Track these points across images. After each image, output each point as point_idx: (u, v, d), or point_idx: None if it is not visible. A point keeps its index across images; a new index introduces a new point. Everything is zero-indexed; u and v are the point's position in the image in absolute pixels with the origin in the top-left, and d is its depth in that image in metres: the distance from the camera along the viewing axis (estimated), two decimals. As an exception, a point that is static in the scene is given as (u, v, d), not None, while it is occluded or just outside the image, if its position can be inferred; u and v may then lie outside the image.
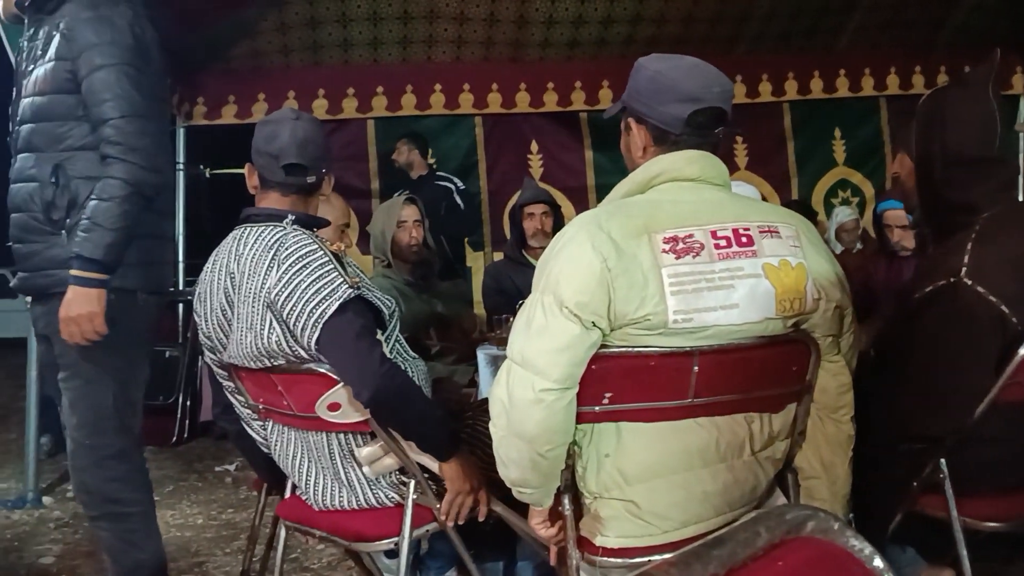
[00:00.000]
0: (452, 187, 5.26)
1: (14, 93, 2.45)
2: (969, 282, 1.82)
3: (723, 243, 1.57)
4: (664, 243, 1.54)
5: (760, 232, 1.60)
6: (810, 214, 4.98)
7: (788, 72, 5.52)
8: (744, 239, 1.58)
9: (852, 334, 1.75)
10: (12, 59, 3.68)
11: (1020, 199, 2.12)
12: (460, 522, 2.02)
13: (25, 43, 2.43)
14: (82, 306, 2.18)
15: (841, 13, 5.31)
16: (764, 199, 5.35)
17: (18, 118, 2.39)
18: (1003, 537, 2.53)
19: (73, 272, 2.19)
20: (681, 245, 1.54)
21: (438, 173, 5.38)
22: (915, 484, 1.94)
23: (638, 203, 1.65)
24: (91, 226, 2.19)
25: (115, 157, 2.23)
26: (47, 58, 2.32)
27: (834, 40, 5.49)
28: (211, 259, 2.14)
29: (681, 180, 1.65)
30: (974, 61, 5.74)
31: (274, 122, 2.14)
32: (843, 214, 5.13)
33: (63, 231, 2.27)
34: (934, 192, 1.98)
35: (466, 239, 5.49)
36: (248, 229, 2.07)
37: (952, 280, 1.84)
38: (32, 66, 2.36)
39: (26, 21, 2.45)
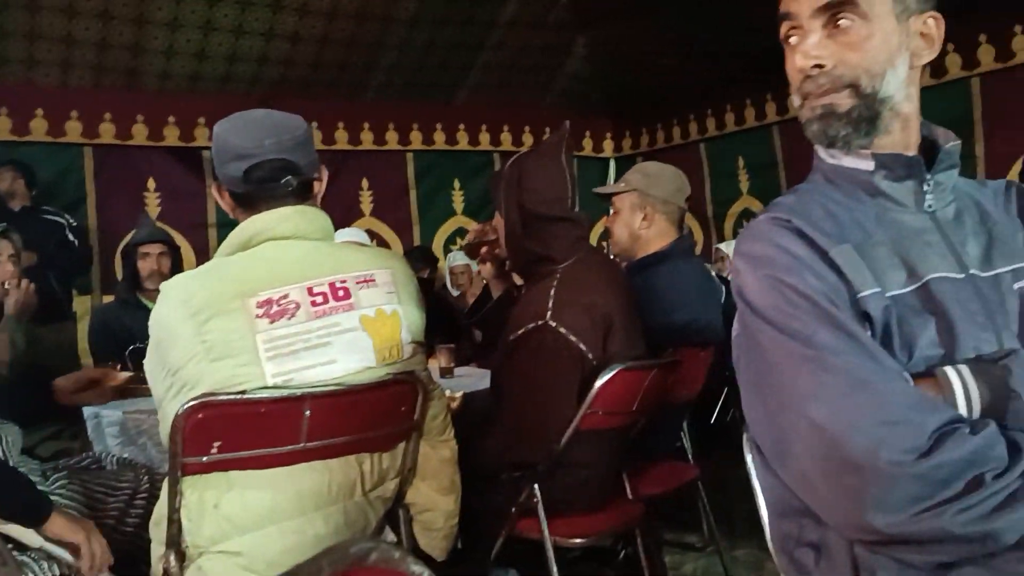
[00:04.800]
0: (64, 223, 4.79)
1: None
2: (553, 324, 2.05)
3: (320, 299, 1.61)
4: (258, 307, 1.55)
5: (357, 283, 1.66)
6: (431, 260, 5.24)
7: (413, 123, 5.79)
8: (341, 292, 1.64)
9: None
10: None
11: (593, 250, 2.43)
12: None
13: None
14: None
15: (460, 70, 5.68)
16: (386, 243, 5.57)
17: None
18: (594, 552, 2.86)
19: None
20: (276, 308, 1.56)
21: (44, 208, 4.86)
22: (514, 509, 2.12)
23: (233, 265, 1.64)
24: None
25: None
26: None
27: (455, 95, 5.87)
28: None
29: (277, 239, 1.65)
30: (573, 122, 6.44)
31: None
32: (452, 259, 5.48)
33: None
34: (520, 245, 2.21)
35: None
36: None
37: (539, 323, 2.06)
38: None
39: None
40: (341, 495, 1.67)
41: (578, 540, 2.17)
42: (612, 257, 2.89)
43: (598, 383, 2.03)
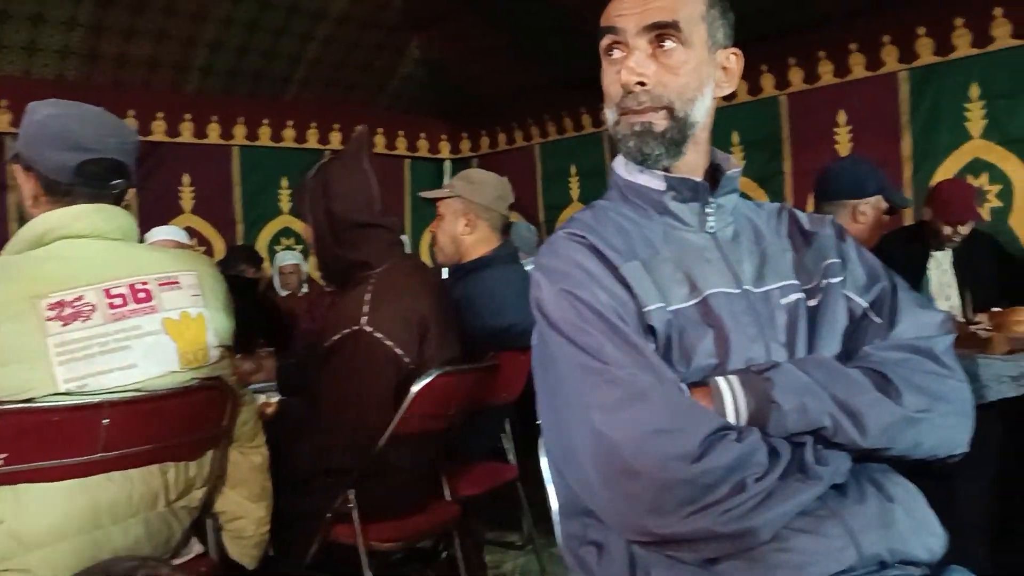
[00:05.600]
0: None
1: None
2: (369, 329, 2.05)
3: (118, 301, 1.55)
4: (49, 309, 1.48)
5: (160, 285, 1.62)
6: (255, 260, 5.09)
7: (238, 116, 5.57)
8: (142, 294, 1.58)
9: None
10: None
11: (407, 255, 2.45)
12: None
13: None
14: None
15: (289, 62, 5.49)
16: (207, 242, 5.37)
17: None
18: (417, 553, 2.88)
19: None
20: (69, 310, 1.50)
21: None
22: (328, 516, 2.10)
23: (22, 264, 1.55)
24: None
25: None
26: None
27: (283, 90, 5.69)
28: None
29: (72, 237, 1.58)
30: (407, 124, 6.37)
31: None
32: (281, 258, 5.35)
33: None
34: (331, 252, 2.20)
35: None
36: None
37: (354, 328, 2.06)
38: None
39: None
40: (143, 506, 1.61)
41: (393, 544, 2.17)
42: (438, 262, 2.91)
43: (415, 387, 2.05)
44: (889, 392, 1.08)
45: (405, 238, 5.57)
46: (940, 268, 3.45)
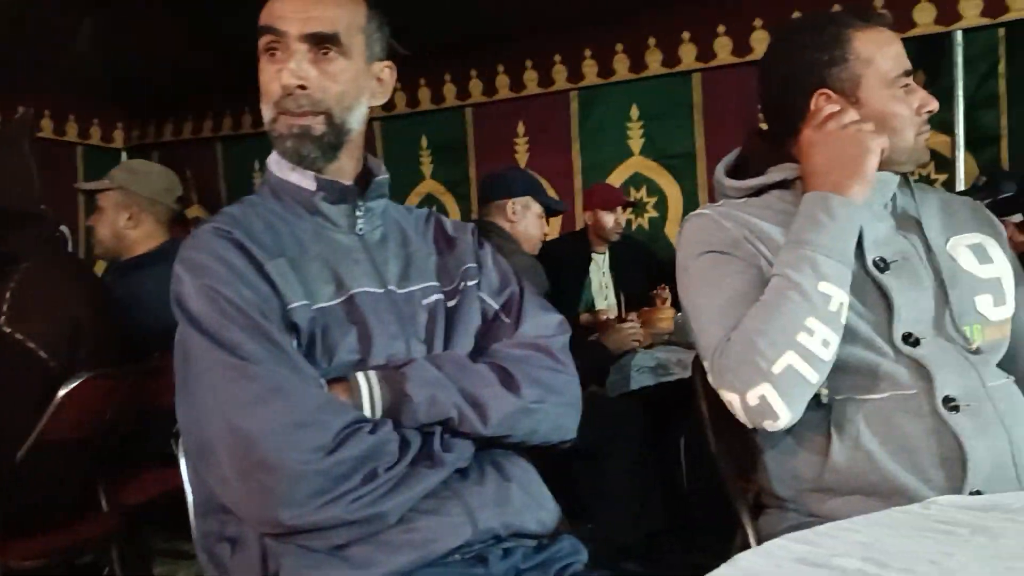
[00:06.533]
0: None
1: None
2: (8, 329, 1.89)
3: None
4: None
5: None
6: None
7: None
8: None
9: None
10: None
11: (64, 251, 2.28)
12: None
13: None
14: None
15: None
16: None
17: None
18: (76, 571, 2.67)
19: None
20: None
21: None
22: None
23: None
24: None
25: None
26: None
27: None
28: None
29: None
30: (79, 107, 5.85)
31: None
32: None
33: None
34: None
35: None
36: None
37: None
38: None
39: None
40: None
41: (37, 561, 2.00)
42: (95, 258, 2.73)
43: (62, 392, 1.91)
44: (510, 385, 1.19)
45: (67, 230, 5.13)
46: (600, 271, 3.81)
